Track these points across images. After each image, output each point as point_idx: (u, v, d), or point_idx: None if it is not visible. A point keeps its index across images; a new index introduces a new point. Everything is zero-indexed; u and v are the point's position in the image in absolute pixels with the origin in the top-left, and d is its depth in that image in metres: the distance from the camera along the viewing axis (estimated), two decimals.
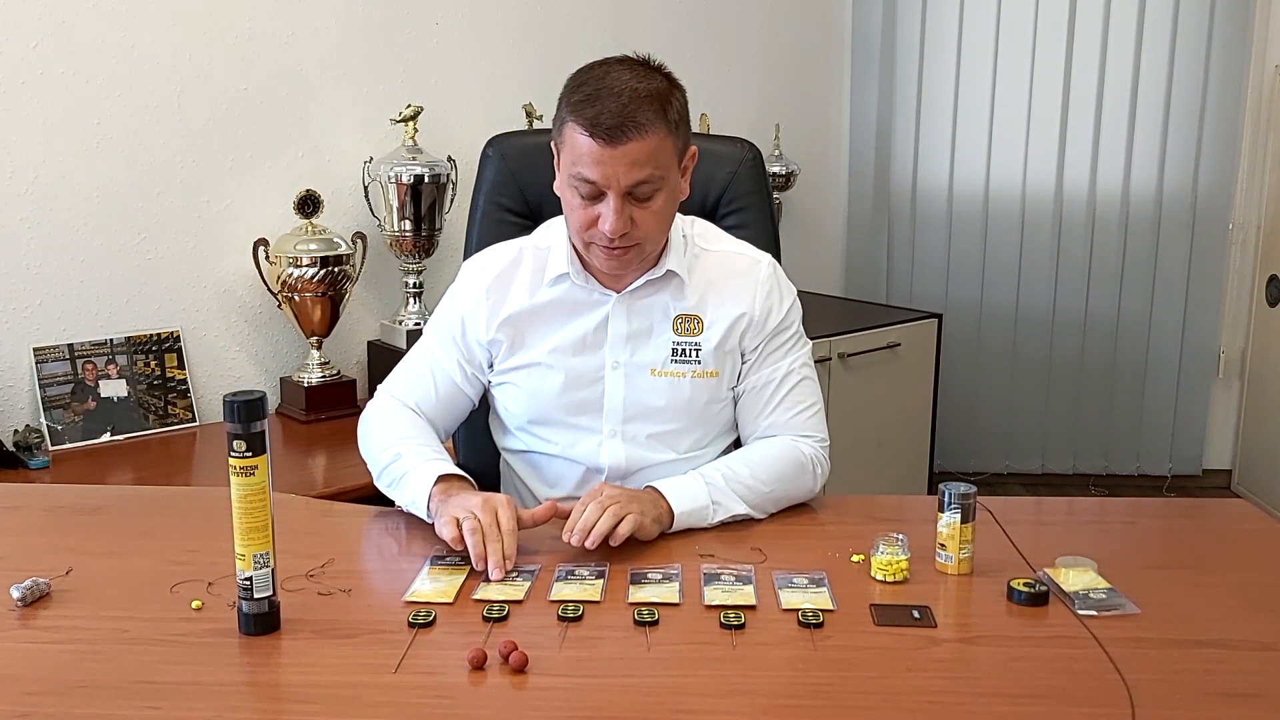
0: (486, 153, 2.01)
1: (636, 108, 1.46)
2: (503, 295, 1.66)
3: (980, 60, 3.90)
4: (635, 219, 1.51)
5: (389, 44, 2.91)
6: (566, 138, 1.51)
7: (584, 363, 1.65)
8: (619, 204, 1.49)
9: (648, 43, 1.74)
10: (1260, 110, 3.83)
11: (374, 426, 1.69)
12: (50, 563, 1.43)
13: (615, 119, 1.45)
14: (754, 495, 1.59)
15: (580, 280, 1.63)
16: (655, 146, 1.48)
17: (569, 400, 1.66)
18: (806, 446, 1.66)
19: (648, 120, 1.47)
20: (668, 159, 1.52)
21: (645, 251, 1.58)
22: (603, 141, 1.46)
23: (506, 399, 1.71)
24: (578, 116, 1.48)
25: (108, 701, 1.13)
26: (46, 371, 2.46)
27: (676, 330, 1.65)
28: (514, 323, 1.66)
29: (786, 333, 1.69)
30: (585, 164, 1.48)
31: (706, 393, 1.67)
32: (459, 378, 1.71)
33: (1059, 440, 4.11)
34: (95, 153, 2.51)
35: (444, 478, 1.53)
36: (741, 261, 1.69)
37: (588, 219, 1.52)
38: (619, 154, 1.46)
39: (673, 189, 1.55)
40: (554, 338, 1.66)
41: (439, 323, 1.73)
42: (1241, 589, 1.39)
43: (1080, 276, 3.97)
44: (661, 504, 1.52)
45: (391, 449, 1.61)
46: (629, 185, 1.49)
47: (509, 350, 1.67)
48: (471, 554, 1.40)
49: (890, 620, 1.29)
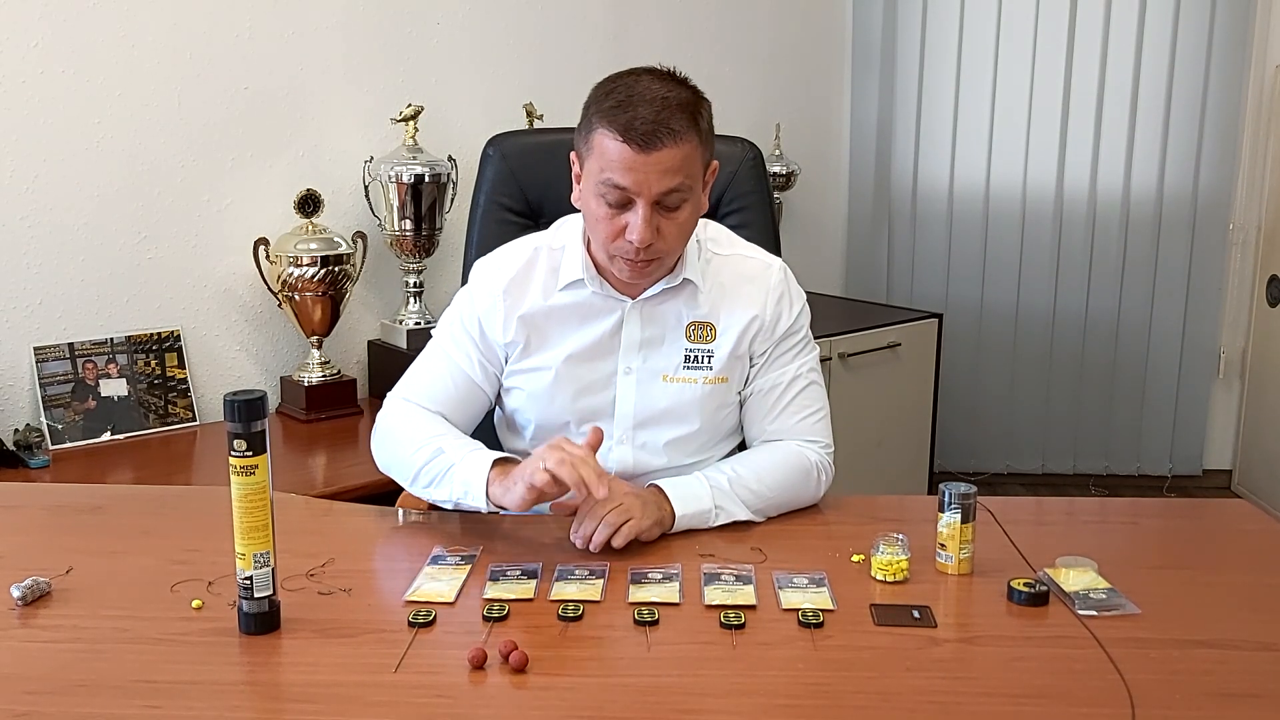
0: (487, 152, 2.01)
1: (670, 115, 1.45)
2: (520, 296, 1.65)
3: (981, 60, 3.90)
4: (661, 230, 1.50)
5: (389, 44, 2.91)
6: (596, 145, 1.48)
7: (596, 368, 1.65)
8: (648, 212, 1.47)
9: (648, 43, 1.74)
10: (1260, 110, 3.83)
11: (397, 431, 1.64)
12: (50, 562, 1.43)
13: (649, 125, 1.44)
14: (758, 500, 1.59)
15: (595, 286, 1.62)
16: (687, 155, 1.48)
17: (580, 406, 1.65)
18: (812, 453, 1.66)
19: (681, 128, 1.46)
20: (696, 169, 1.51)
21: (666, 264, 1.58)
22: (636, 148, 1.44)
23: (516, 402, 1.70)
24: (610, 123, 1.46)
25: (108, 701, 1.13)
26: (47, 371, 2.46)
27: (690, 338, 1.64)
28: (529, 323, 1.65)
29: (795, 337, 1.68)
30: (616, 170, 1.46)
31: (716, 398, 1.66)
32: (479, 376, 1.68)
33: (1059, 440, 4.11)
34: (95, 153, 2.51)
35: (498, 462, 1.52)
36: (753, 266, 1.68)
37: (614, 230, 1.51)
38: (652, 160, 1.45)
39: (697, 201, 1.54)
40: (567, 342, 1.64)
41: (454, 324, 1.70)
42: (1241, 589, 1.39)
43: (1081, 276, 3.97)
44: (665, 506, 1.53)
45: (427, 447, 1.57)
46: (660, 193, 1.47)
47: (523, 352, 1.66)
48: (570, 482, 1.39)
49: (890, 620, 1.29)
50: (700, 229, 1.66)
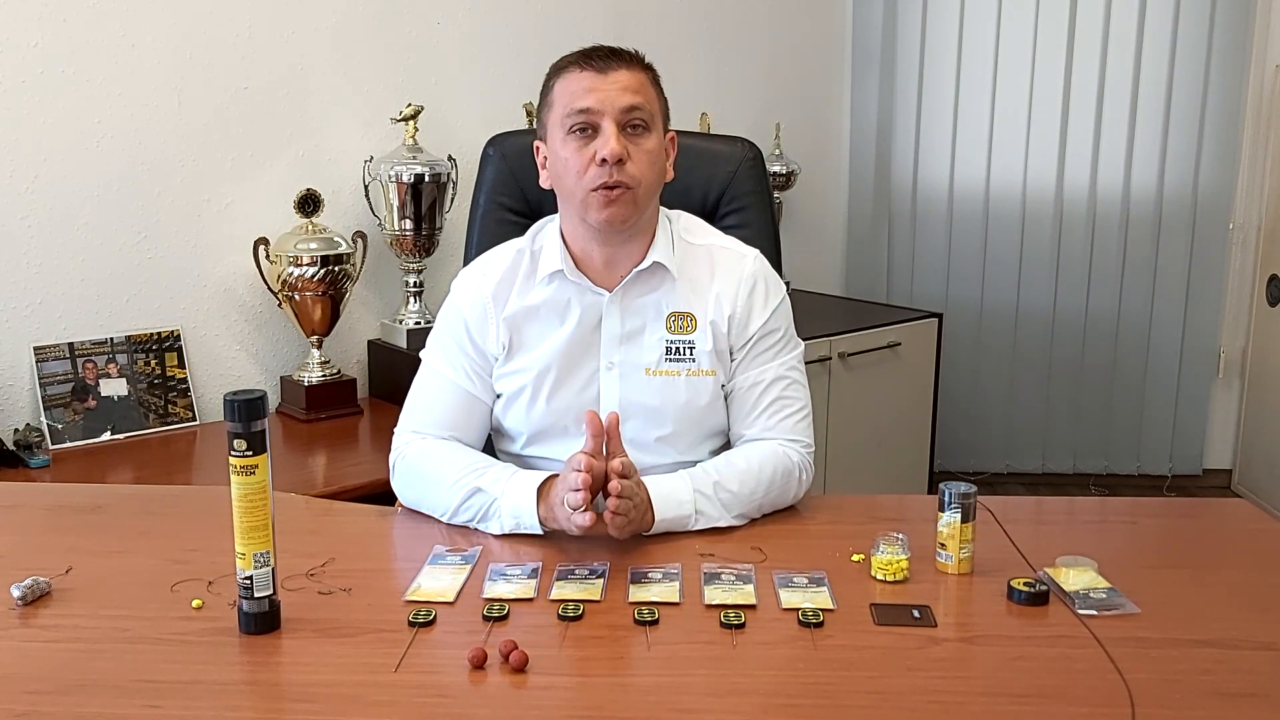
0: (487, 152, 2.01)
1: (623, 51, 1.59)
2: (504, 298, 1.66)
3: (981, 60, 3.90)
4: (631, 155, 1.55)
5: (389, 43, 2.91)
6: (557, 90, 1.58)
7: (578, 366, 1.65)
8: (615, 129, 1.54)
9: (648, 43, 1.74)
10: (1260, 110, 3.83)
11: (422, 471, 1.62)
12: (50, 562, 1.43)
13: (605, 51, 1.58)
14: (740, 505, 1.58)
15: (574, 277, 1.63)
16: (644, 82, 1.58)
17: (565, 406, 1.65)
18: (794, 454, 1.65)
19: (636, 60, 1.60)
20: (654, 104, 1.59)
21: (638, 199, 1.57)
22: (595, 70, 1.56)
23: (503, 405, 1.69)
24: (567, 65, 1.59)
25: (108, 700, 1.13)
26: (47, 370, 2.46)
27: (670, 329, 1.65)
28: (511, 324, 1.65)
29: (774, 335, 1.68)
30: (579, 96, 1.55)
31: (702, 393, 1.66)
32: (477, 388, 1.67)
33: (1059, 440, 4.11)
34: (95, 152, 2.51)
35: (539, 488, 1.52)
36: (728, 257, 1.68)
37: (585, 160, 1.55)
38: (610, 80, 1.55)
39: (661, 141, 1.60)
40: (548, 341, 1.64)
41: (443, 340, 1.69)
42: (1241, 589, 1.39)
43: (1081, 276, 3.97)
44: (646, 514, 1.52)
45: (460, 486, 1.56)
46: (623, 108, 1.54)
47: (507, 355, 1.66)
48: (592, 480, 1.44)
49: (890, 620, 1.29)
50: (673, 218, 1.70)
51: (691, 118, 3.34)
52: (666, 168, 1.64)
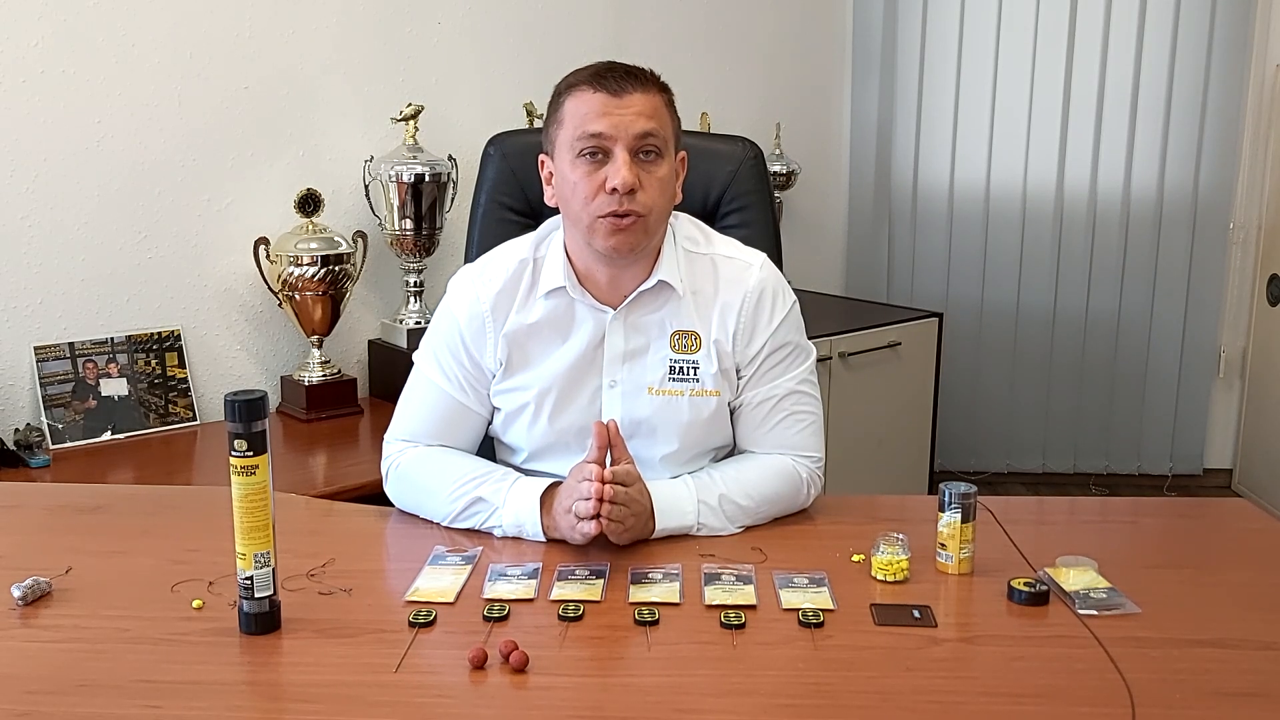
0: (488, 151, 2.01)
1: (638, 71, 1.54)
2: (505, 312, 1.62)
3: (981, 59, 3.90)
4: (642, 182, 1.50)
5: (389, 43, 2.91)
6: (567, 111, 1.52)
7: (580, 384, 1.61)
8: (627, 156, 1.49)
9: (648, 43, 1.74)
10: (1261, 110, 3.83)
11: (421, 479, 1.61)
12: (50, 562, 1.43)
13: (620, 73, 1.51)
14: (744, 516, 1.57)
15: (577, 294, 1.59)
16: (658, 106, 1.53)
17: (567, 424, 1.62)
18: (803, 468, 1.63)
19: (650, 81, 1.54)
20: (668, 127, 1.55)
21: (649, 227, 1.53)
22: (609, 93, 1.50)
23: (503, 421, 1.67)
24: (579, 83, 1.52)
25: (108, 700, 1.13)
26: (47, 370, 2.46)
27: (674, 347, 1.61)
28: (511, 340, 1.62)
29: (784, 350, 1.64)
30: (591, 120, 1.49)
31: (704, 413, 1.62)
32: (470, 399, 1.65)
33: (1059, 439, 4.11)
34: (95, 152, 2.51)
35: (541, 496, 1.52)
36: (731, 267, 1.63)
37: (594, 186, 1.50)
38: (625, 103, 1.50)
39: (672, 166, 1.56)
40: (550, 360, 1.61)
41: (438, 347, 1.66)
42: (1242, 589, 1.39)
43: (1081, 276, 3.97)
44: (648, 522, 1.51)
45: (460, 495, 1.55)
46: (636, 135, 1.49)
47: (506, 371, 1.63)
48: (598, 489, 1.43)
49: (890, 620, 1.29)
50: (677, 226, 1.65)
51: (692, 117, 3.33)
52: (677, 190, 1.59)
